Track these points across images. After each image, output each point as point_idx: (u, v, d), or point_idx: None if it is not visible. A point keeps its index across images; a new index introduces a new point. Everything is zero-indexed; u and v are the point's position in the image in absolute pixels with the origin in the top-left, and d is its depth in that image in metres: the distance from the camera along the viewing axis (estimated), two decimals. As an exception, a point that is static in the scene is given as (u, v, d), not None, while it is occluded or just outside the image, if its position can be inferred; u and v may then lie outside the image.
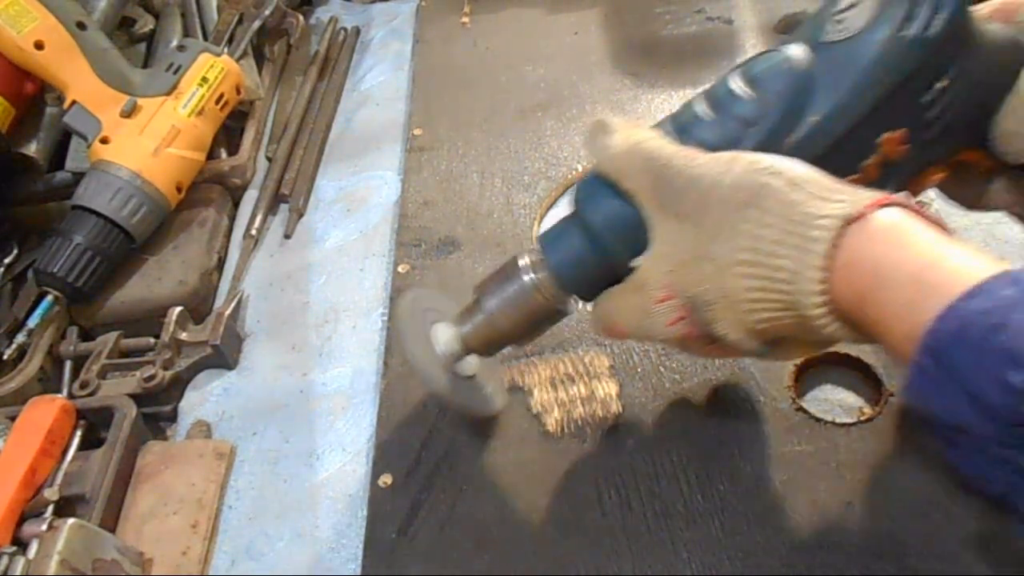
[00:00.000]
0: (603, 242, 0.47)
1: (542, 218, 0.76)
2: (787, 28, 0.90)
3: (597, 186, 0.47)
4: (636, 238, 0.45)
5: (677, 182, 0.42)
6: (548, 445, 0.57)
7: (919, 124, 0.45)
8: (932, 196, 0.60)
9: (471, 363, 0.55)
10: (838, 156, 0.44)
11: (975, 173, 0.50)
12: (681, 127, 0.47)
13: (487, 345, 0.52)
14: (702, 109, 0.47)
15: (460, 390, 0.54)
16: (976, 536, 0.49)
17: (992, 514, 0.50)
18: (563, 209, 0.76)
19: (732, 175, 0.41)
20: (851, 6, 0.46)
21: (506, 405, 0.58)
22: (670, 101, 0.83)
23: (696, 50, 0.89)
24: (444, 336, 0.52)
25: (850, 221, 0.37)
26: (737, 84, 0.46)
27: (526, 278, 0.49)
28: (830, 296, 0.38)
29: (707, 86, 0.48)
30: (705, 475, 0.54)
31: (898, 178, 0.46)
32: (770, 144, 0.44)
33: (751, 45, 0.89)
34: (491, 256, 0.71)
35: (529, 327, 0.51)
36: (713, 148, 0.44)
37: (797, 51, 0.46)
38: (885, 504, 0.51)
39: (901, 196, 0.38)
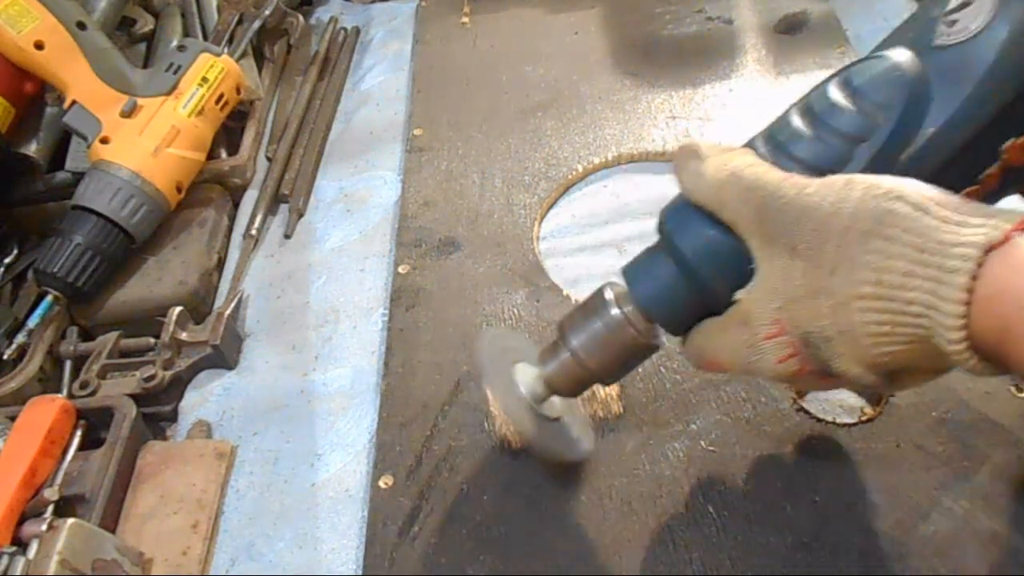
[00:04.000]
0: (698, 274, 0.43)
1: (542, 218, 0.76)
2: (787, 28, 0.90)
3: (689, 214, 0.43)
4: (734, 269, 0.42)
5: (787, 213, 0.39)
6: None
7: None
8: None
9: (556, 404, 0.52)
10: (957, 169, 0.41)
11: None
12: (778, 146, 0.43)
13: (573, 385, 0.49)
14: (800, 124, 0.43)
15: (547, 434, 0.51)
16: (977, 536, 0.49)
17: (992, 514, 0.50)
18: (563, 209, 0.76)
19: (850, 202, 0.37)
20: (964, 5, 0.42)
21: (593, 448, 0.55)
22: (670, 101, 0.83)
23: (696, 50, 0.89)
24: (527, 377, 0.50)
25: (991, 248, 0.34)
26: (839, 95, 0.42)
27: (615, 312, 0.46)
28: (970, 331, 0.34)
29: (802, 98, 0.45)
30: (705, 475, 0.54)
31: (1017, 183, 0.43)
32: (883, 161, 0.41)
33: (751, 45, 0.89)
34: (491, 256, 0.71)
35: (618, 365, 0.48)
36: (816, 167, 0.41)
37: (904, 57, 0.42)
38: (885, 504, 0.51)
39: None
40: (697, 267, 0.43)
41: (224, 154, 0.85)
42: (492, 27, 0.97)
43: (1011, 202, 0.52)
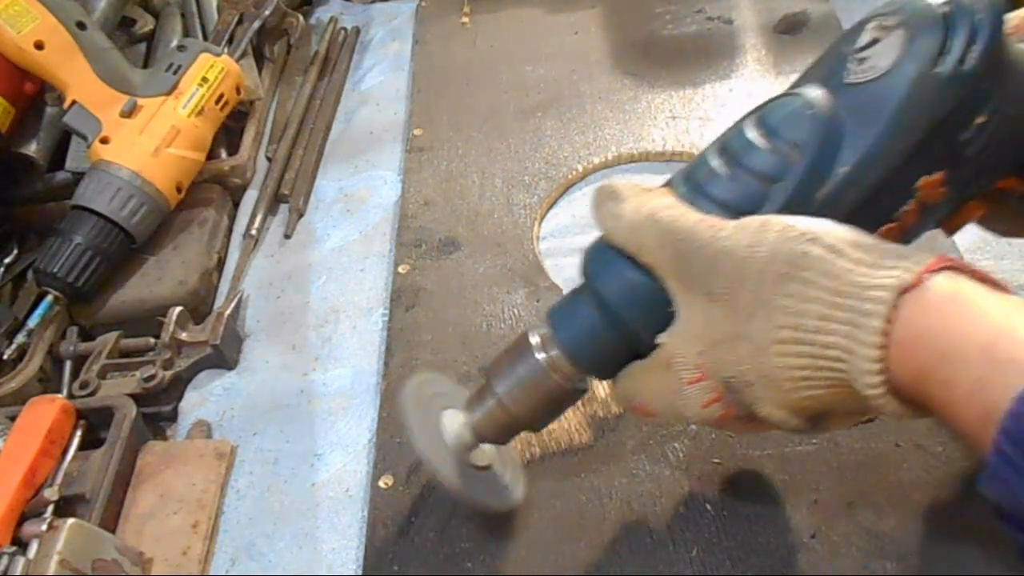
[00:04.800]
0: (620, 317, 0.42)
1: (542, 218, 0.76)
2: (787, 28, 0.90)
3: (609, 256, 0.43)
4: (657, 311, 0.41)
5: (702, 257, 0.38)
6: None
7: (958, 163, 0.41)
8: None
9: (485, 451, 0.50)
10: (873, 207, 0.41)
11: (1012, 199, 0.46)
12: (695, 186, 0.42)
13: (500, 433, 0.48)
14: (717, 163, 0.42)
15: (474, 484, 0.49)
16: (977, 536, 0.49)
17: (993, 514, 0.50)
18: (563, 209, 0.76)
19: (765, 245, 0.37)
20: (873, 42, 0.42)
21: (525, 497, 0.53)
22: (670, 101, 0.83)
23: (696, 50, 0.89)
24: (454, 425, 0.48)
25: (905, 290, 0.33)
26: (754, 134, 0.42)
27: (538, 357, 0.45)
28: (887, 374, 0.34)
29: (720, 137, 0.44)
30: (706, 475, 0.54)
31: (935, 219, 0.43)
32: (798, 201, 0.40)
33: (751, 45, 0.89)
34: (491, 256, 0.71)
35: (545, 410, 0.47)
36: (734, 207, 0.40)
37: (817, 94, 0.42)
38: (885, 504, 0.51)
39: (957, 258, 0.35)
40: (619, 310, 0.42)
41: (224, 154, 0.85)
42: (492, 27, 0.97)
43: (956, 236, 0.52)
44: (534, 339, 0.46)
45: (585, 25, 0.95)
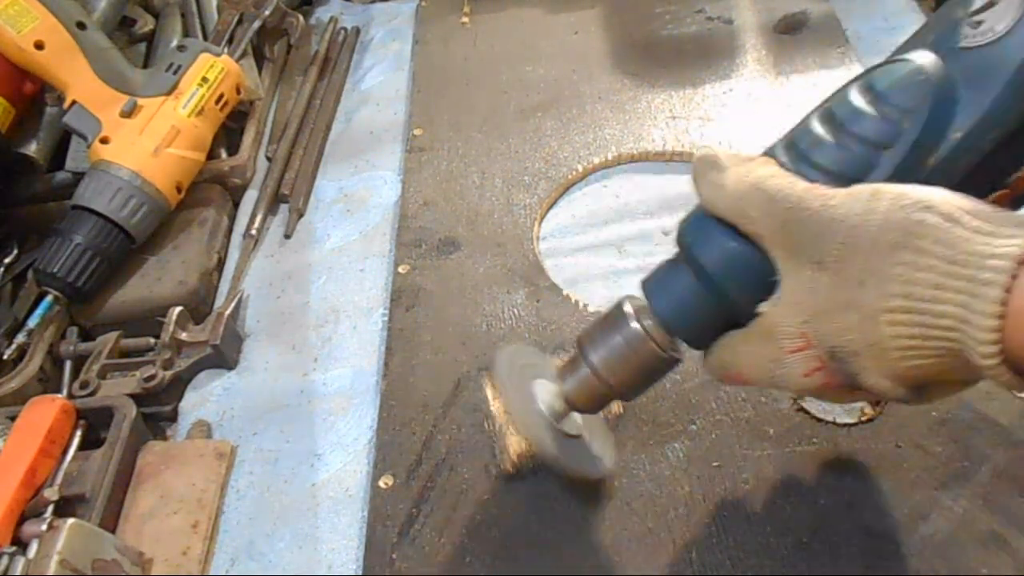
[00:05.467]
0: (720, 287, 0.42)
1: (542, 218, 0.76)
2: (787, 28, 0.90)
3: (709, 225, 0.42)
4: (757, 281, 0.41)
5: (812, 226, 0.38)
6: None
7: None
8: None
9: (576, 421, 0.51)
10: (985, 173, 0.40)
11: None
12: (799, 154, 0.42)
13: (593, 401, 0.48)
14: (822, 131, 0.41)
15: (568, 452, 0.50)
16: (977, 536, 0.49)
17: (993, 514, 0.50)
18: (563, 209, 0.76)
19: (877, 214, 0.36)
20: (988, 6, 0.40)
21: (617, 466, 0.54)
22: (670, 101, 0.83)
23: (696, 50, 0.89)
24: (546, 394, 0.49)
25: None
26: (861, 101, 0.41)
27: (635, 326, 0.45)
28: (1003, 345, 0.33)
29: (822, 104, 0.43)
30: (706, 476, 0.54)
31: None
32: (909, 168, 0.39)
33: (751, 45, 0.89)
34: (491, 256, 0.71)
35: (639, 380, 0.47)
36: (840, 176, 0.40)
37: (928, 59, 0.41)
38: (885, 504, 0.51)
39: None
40: (719, 280, 0.42)
41: (224, 154, 0.85)
42: (492, 27, 0.97)
43: None
44: (628, 308, 0.46)
45: (585, 25, 0.95)
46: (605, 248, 0.72)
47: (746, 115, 0.80)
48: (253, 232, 0.78)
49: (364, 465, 0.59)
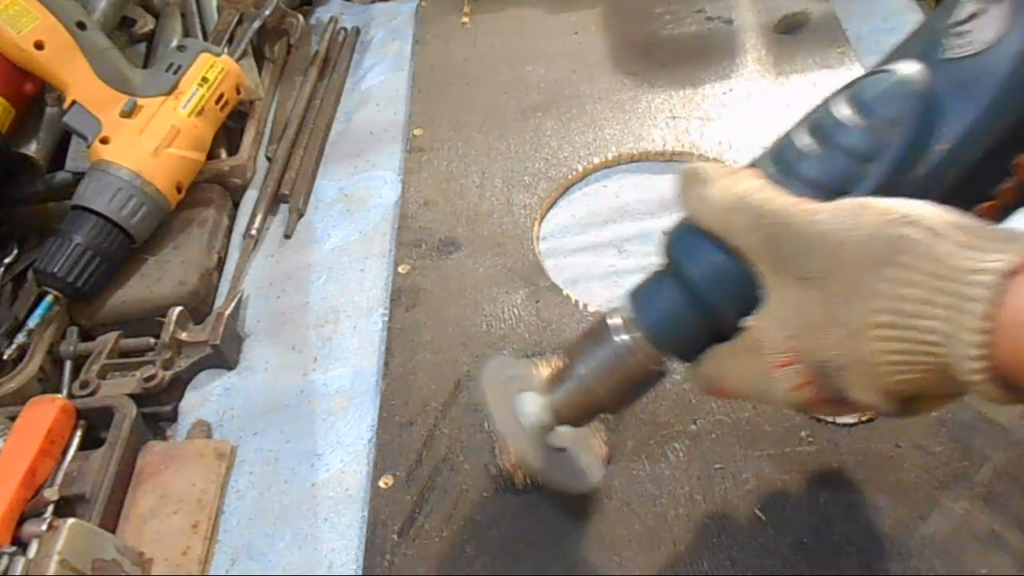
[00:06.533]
0: (706, 299, 0.42)
1: (542, 218, 0.76)
2: (787, 28, 0.90)
3: (695, 238, 0.42)
4: (743, 294, 0.41)
5: (797, 241, 0.38)
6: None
7: None
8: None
9: (563, 434, 0.50)
10: (971, 185, 0.40)
11: None
12: (786, 166, 0.42)
13: (580, 414, 0.48)
14: (808, 143, 0.41)
15: (554, 465, 0.50)
16: (977, 536, 0.49)
17: (993, 514, 0.50)
18: (563, 209, 0.76)
19: (863, 229, 0.36)
20: (973, 16, 0.40)
21: (604, 478, 0.53)
22: (670, 101, 0.83)
23: (696, 50, 0.89)
24: (532, 406, 0.48)
25: (1011, 274, 0.33)
26: (844, 112, 0.41)
27: (619, 339, 0.45)
28: (990, 360, 0.33)
29: (806, 115, 0.43)
30: (705, 476, 0.54)
31: None
32: (895, 180, 0.39)
33: (751, 45, 0.89)
34: (491, 256, 0.71)
35: (625, 392, 0.47)
36: (826, 188, 0.40)
37: (912, 70, 0.40)
38: (885, 504, 0.51)
39: None
40: (705, 292, 0.42)
41: (224, 154, 0.85)
42: (492, 27, 0.97)
43: None
44: (615, 320, 0.46)
45: (585, 25, 0.95)
46: (605, 248, 0.72)
47: (746, 115, 0.80)
48: (253, 232, 0.78)
49: (364, 465, 0.59)
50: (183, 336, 0.67)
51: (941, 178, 0.39)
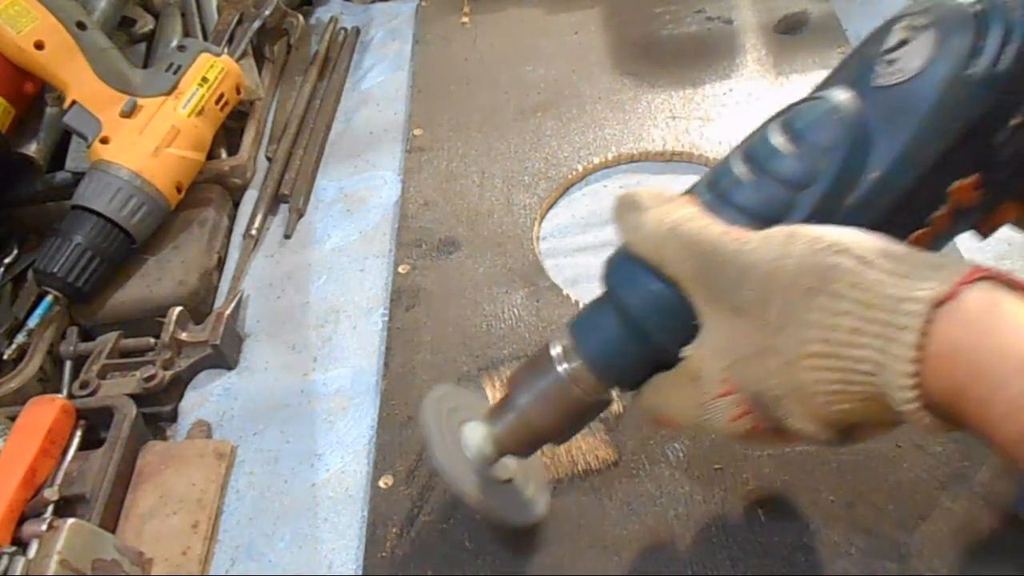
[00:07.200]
0: (643, 328, 0.42)
1: (542, 218, 0.76)
2: (787, 28, 0.90)
3: (631, 267, 0.42)
4: (681, 323, 0.40)
5: (728, 271, 0.38)
6: (548, 446, 0.57)
7: (992, 166, 0.39)
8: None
9: (507, 465, 0.49)
10: (904, 212, 0.39)
11: None
12: (720, 194, 0.41)
13: (523, 445, 0.47)
14: (742, 170, 0.41)
15: (496, 497, 0.48)
16: (977, 536, 0.49)
17: (993, 514, 0.50)
18: (563, 209, 0.76)
19: (792, 258, 0.36)
20: (901, 44, 0.40)
21: (548, 510, 0.52)
22: (670, 101, 0.83)
23: (696, 50, 0.89)
24: (475, 438, 0.47)
25: (940, 302, 0.32)
26: (778, 139, 0.41)
27: (560, 369, 0.44)
28: (922, 389, 0.33)
29: (743, 142, 0.43)
30: (706, 476, 0.54)
31: (969, 222, 0.42)
32: (827, 208, 0.39)
33: (751, 45, 0.89)
34: (491, 256, 0.71)
35: (568, 422, 0.46)
36: (760, 216, 0.39)
37: (844, 97, 0.40)
38: (885, 504, 0.51)
39: (993, 268, 0.34)
40: (642, 322, 0.42)
41: (224, 154, 0.85)
42: (492, 27, 0.97)
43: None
44: (555, 350, 0.45)
45: (585, 25, 0.95)
46: (605, 248, 0.71)
47: (746, 115, 0.80)
48: (253, 232, 0.78)
49: (364, 465, 0.59)
50: (183, 336, 0.67)
51: (874, 206, 0.39)
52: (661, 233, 0.40)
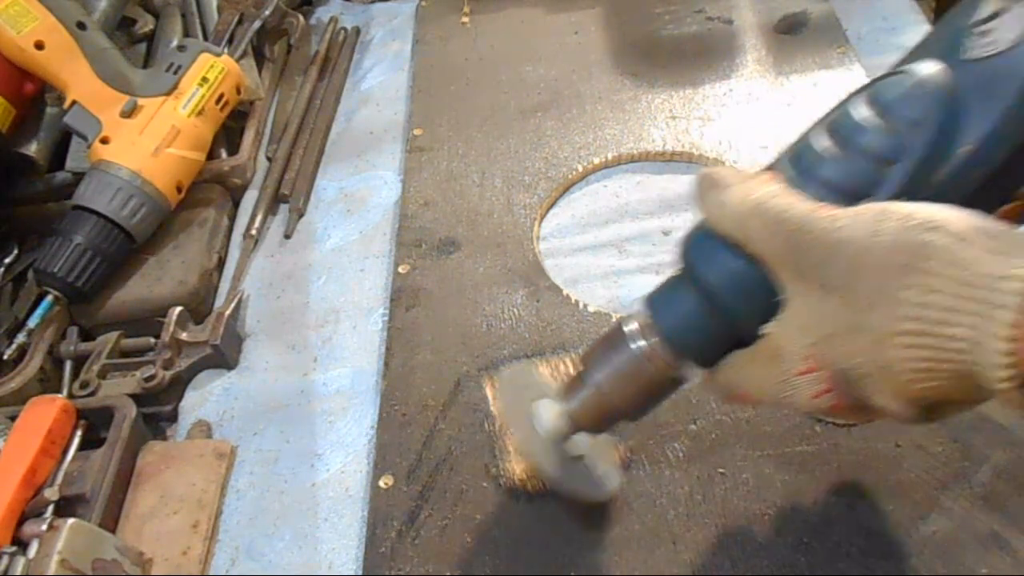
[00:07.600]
0: (724, 305, 0.42)
1: (542, 218, 0.76)
2: (787, 28, 0.90)
3: (713, 244, 0.42)
4: (763, 300, 0.40)
5: (817, 249, 0.37)
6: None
7: None
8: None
9: (580, 441, 0.50)
10: (994, 187, 0.39)
11: None
12: (805, 169, 0.41)
13: (597, 422, 0.47)
14: (827, 145, 0.41)
15: (570, 473, 0.49)
16: (977, 536, 0.49)
17: (992, 514, 0.50)
18: (563, 209, 0.76)
19: (885, 235, 0.35)
20: (994, 16, 0.39)
21: (622, 485, 0.53)
22: (670, 101, 0.83)
23: (696, 50, 0.89)
24: (549, 414, 0.48)
25: None
26: (863, 113, 0.40)
27: (635, 346, 0.44)
28: (1017, 368, 0.32)
29: (824, 116, 0.42)
30: (705, 475, 0.54)
31: None
32: (916, 183, 0.38)
33: (751, 45, 0.89)
34: (491, 256, 0.71)
35: (643, 399, 0.46)
36: (846, 191, 0.39)
37: (934, 70, 0.40)
38: (885, 504, 0.51)
39: None
40: (724, 299, 0.42)
41: (224, 154, 0.85)
42: (492, 27, 0.97)
43: None
44: (629, 327, 0.45)
45: (585, 25, 0.95)
46: (605, 248, 0.72)
47: (746, 115, 0.80)
48: (253, 232, 0.78)
49: (364, 465, 0.59)
50: (183, 336, 0.67)
51: (964, 180, 0.39)
52: (746, 210, 0.40)
